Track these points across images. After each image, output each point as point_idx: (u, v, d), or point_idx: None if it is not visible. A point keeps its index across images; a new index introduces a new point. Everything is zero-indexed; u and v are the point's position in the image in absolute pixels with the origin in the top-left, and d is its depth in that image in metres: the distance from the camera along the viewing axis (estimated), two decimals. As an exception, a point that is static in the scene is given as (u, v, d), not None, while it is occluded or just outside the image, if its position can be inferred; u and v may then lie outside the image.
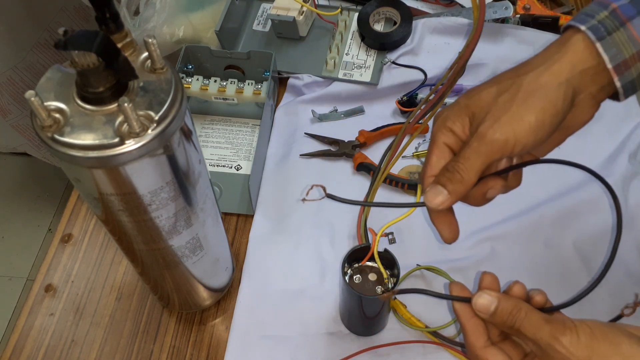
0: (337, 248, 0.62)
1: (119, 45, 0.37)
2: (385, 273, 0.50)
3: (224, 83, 0.70)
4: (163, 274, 0.51)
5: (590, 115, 0.41)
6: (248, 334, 0.57)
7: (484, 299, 0.39)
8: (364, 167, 0.67)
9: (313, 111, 0.72)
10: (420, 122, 0.53)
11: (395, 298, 0.57)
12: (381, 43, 0.75)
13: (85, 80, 0.35)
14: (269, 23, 0.79)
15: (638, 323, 0.39)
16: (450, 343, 0.55)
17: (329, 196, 0.47)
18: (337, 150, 0.69)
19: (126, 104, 0.33)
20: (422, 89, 0.72)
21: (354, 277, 0.51)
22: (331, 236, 0.63)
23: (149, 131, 0.35)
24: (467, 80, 0.73)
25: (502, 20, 0.77)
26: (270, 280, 0.60)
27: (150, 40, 0.36)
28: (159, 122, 0.35)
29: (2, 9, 1.10)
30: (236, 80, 0.70)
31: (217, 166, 0.70)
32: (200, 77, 0.70)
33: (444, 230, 0.42)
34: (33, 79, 1.19)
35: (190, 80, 0.70)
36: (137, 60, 0.38)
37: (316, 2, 0.78)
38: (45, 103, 0.34)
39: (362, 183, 0.67)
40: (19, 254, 1.54)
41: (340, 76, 0.74)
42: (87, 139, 0.34)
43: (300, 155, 0.69)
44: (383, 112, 0.73)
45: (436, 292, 0.43)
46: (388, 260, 0.50)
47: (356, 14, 0.78)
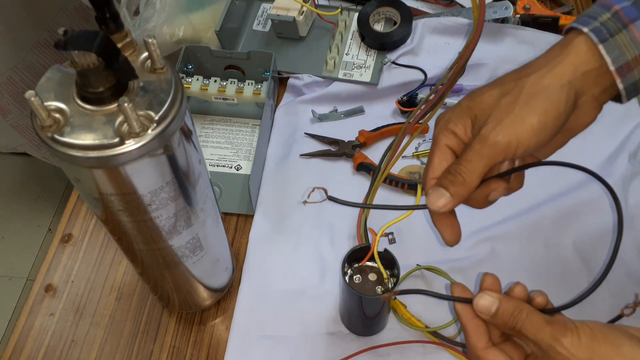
0: (337, 248, 0.62)
1: (119, 45, 0.37)
2: (385, 273, 0.50)
3: (224, 83, 0.70)
4: (163, 274, 0.51)
5: (592, 117, 0.41)
6: (248, 334, 0.57)
7: (485, 300, 0.39)
8: (364, 167, 0.67)
9: (313, 111, 0.72)
10: (420, 122, 0.53)
11: (395, 298, 0.57)
12: (381, 43, 0.75)
13: (85, 80, 0.35)
14: (269, 23, 0.79)
15: (638, 323, 0.39)
16: (450, 343, 0.55)
17: (331, 198, 0.47)
18: (337, 150, 0.69)
19: (126, 104, 0.33)
20: (422, 89, 0.72)
21: (354, 277, 0.51)
22: (331, 236, 0.63)
23: (149, 131, 0.35)
24: (467, 80, 0.73)
25: (502, 20, 0.77)
26: (270, 280, 0.60)
27: (150, 40, 0.36)
28: (159, 122, 0.35)
29: (2, 9, 1.10)
30: (236, 80, 0.70)
31: (217, 166, 0.70)
32: (200, 77, 0.70)
33: (446, 232, 0.42)
34: (33, 79, 1.19)
35: (190, 80, 0.70)
36: (137, 60, 0.38)
37: (316, 2, 0.78)
38: (45, 103, 0.34)
39: (362, 183, 0.67)
40: (19, 254, 1.54)
41: (340, 76, 0.74)
42: (87, 139, 0.34)
43: (300, 155, 0.69)
44: (383, 112, 0.73)
45: (437, 293, 0.43)
46: (388, 260, 0.50)
47: (356, 14, 0.78)
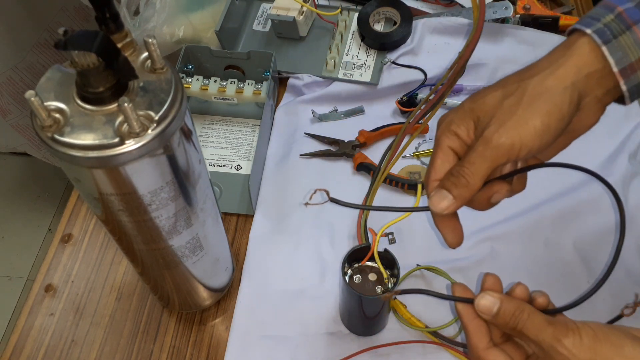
0: (337, 248, 0.62)
1: (119, 45, 0.37)
2: (385, 273, 0.50)
3: (224, 83, 0.70)
4: (163, 274, 0.50)
5: (595, 118, 0.41)
6: (248, 334, 0.57)
7: (487, 300, 0.39)
8: (364, 167, 0.67)
9: (313, 111, 0.72)
10: (420, 122, 0.53)
11: (395, 298, 0.57)
12: (381, 43, 0.75)
13: (85, 80, 0.35)
14: (269, 23, 0.79)
15: (638, 323, 0.39)
16: (450, 343, 0.55)
17: (332, 200, 0.47)
18: (337, 150, 0.69)
19: (126, 104, 0.33)
20: (422, 89, 0.72)
21: (354, 277, 0.51)
22: (331, 236, 0.63)
23: (149, 131, 0.35)
24: (467, 80, 0.73)
25: (502, 20, 0.77)
26: (270, 280, 0.60)
27: (150, 40, 0.36)
28: (159, 122, 0.35)
29: (2, 9, 1.10)
30: (236, 80, 0.70)
31: (217, 166, 0.70)
32: (200, 77, 0.70)
33: (449, 234, 0.42)
34: (33, 79, 1.19)
35: (190, 80, 0.70)
36: (137, 60, 0.38)
37: (316, 2, 0.78)
38: (45, 103, 0.34)
39: (362, 183, 0.67)
40: (19, 254, 1.54)
41: (340, 76, 0.74)
42: (87, 139, 0.34)
43: (300, 155, 0.69)
44: (383, 112, 0.73)
45: (438, 293, 0.43)
46: (388, 260, 0.50)
47: (356, 14, 0.78)
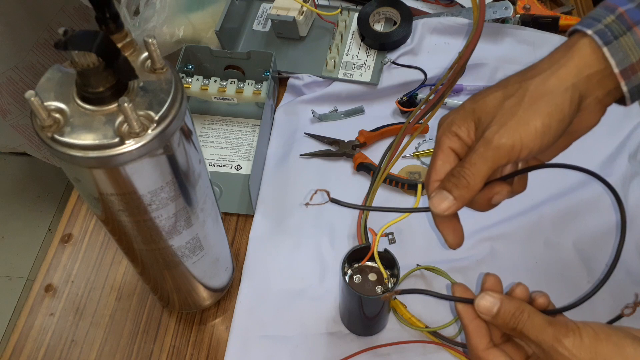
0: (337, 248, 0.62)
1: (119, 45, 0.37)
2: (385, 273, 0.50)
3: (224, 83, 0.70)
4: (163, 274, 0.50)
5: (596, 119, 0.41)
6: (248, 334, 0.57)
7: (487, 301, 0.39)
8: (364, 167, 0.67)
9: (313, 111, 0.72)
10: (420, 122, 0.53)
11: (395, 298, 0.57)
12: (381, 43, 0.75)
13: (85, 80, 0.35)
14: (269, 23, 0.79)
15: (638, 323, 0.39)
16: (450, 343, 0.55)
17: (333, 201, 0.47)
18: (337, 150, 0.69)
19: (126, 104, 0.33)
20: (422, 89, 0.72)
21: (354, 277, 0.51)
22: (331, 236, 0.63)
23: (149, 131, 0.35)
24: (467, 80, 0.73)
25: (502, 20, 0.77)
26: (270, 280, 0.60)
27: (150, 40, 0.36)
28: (159, 122, 0.35)
29: (2, 9, 1.10)
30: (236, 80, 0.70)
31: (217, 166, 0.70)
32: (200, 77, 0.70)
33: (449, 235, 0.42)
34: (33, 79, 1.19)
35: (190, 80, 0.70)
36: (137, 60, 0.38)
37: (316, 2, 0.78)
38: (45, 103, 0.34)
39: (362, 183, 0.67)
40: (19, 254, 1.54)
41: (340, 76, 0.74)
42: (87, 139, 0.34)
43: (300, 155, 0.69)
44: (383, 112, 0.73)
45: (438, 293, 0.43)
46: (388, 260, 0.50)
47: (356, 14, 0.78)
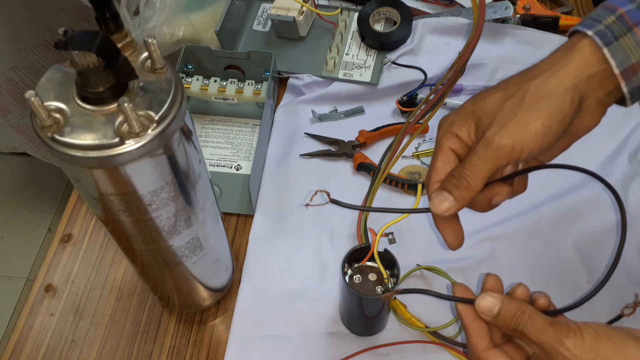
0: (337, 248, 0.62)
1: (119, 45, 0.37)
2: (385, 273, 0.50)
3: (224, 83, 0.70)
4: (163, 274, 0.50)
5: (597, 120, 0.41)
6: (248, 334, 0.57)
7: (487, 301, 0.39)
8: (364, 167, 0.67)
9: (313, 111, 0.72)
10: (420, 122, 0.53)
11: (395, 298, 0.57)
12: (381, 43, 0.75)
13: (85, 80, 0.35)
14: (269, 23, 0.79)
15: (638, 323, 0.39)
16: (450, 343, 0.55)
17: (333, 201, 0.47)
18: (337, 150, 0.69)
19: (126, 104, 0.33)
20: (422, 89, 0.72)
21: (354, 277, 0.51)
22: (331, 236, 0.63)
23: (149, 131, 0.35)
24: (467, 80, 0.73)
25: (502, 20, 0.77)
26: (270, 280, 0.60)
27: (150, 40, 0.36)
28: (159, 122, 0.35)
29: (2, 9, 1.10)
30: (236, 80, 0.70)
31: (217, 166, 0.70)
32: (200, 77, 0.70)
33: (449, 236, 0.42)
34: (33, 79, 1.19)
35: (190, 80, 0.70)
36: (137, 60, 0.38)
37: (316, 2, 0.78)
38: (45, 103, 0.34)
39: (362, 183, 0.67)
40: (19, 254, 1.54)
41: (340, 76, 0.74)
42: (87, 139, 0.34)
43: (300, 155, 0.69)
44: (383, 112, 0.73)
45: (438, 293, 0.43)
46: (388, 260, 0.50)
47: (356, 14, 0.78)
